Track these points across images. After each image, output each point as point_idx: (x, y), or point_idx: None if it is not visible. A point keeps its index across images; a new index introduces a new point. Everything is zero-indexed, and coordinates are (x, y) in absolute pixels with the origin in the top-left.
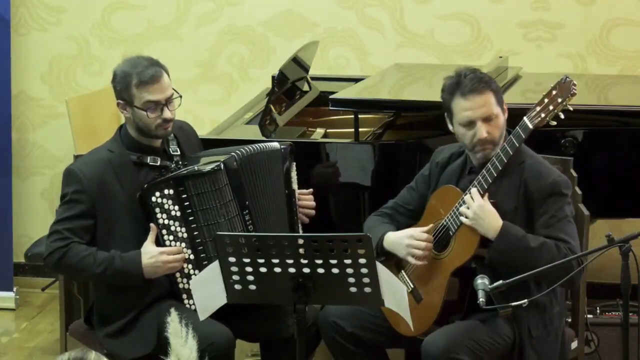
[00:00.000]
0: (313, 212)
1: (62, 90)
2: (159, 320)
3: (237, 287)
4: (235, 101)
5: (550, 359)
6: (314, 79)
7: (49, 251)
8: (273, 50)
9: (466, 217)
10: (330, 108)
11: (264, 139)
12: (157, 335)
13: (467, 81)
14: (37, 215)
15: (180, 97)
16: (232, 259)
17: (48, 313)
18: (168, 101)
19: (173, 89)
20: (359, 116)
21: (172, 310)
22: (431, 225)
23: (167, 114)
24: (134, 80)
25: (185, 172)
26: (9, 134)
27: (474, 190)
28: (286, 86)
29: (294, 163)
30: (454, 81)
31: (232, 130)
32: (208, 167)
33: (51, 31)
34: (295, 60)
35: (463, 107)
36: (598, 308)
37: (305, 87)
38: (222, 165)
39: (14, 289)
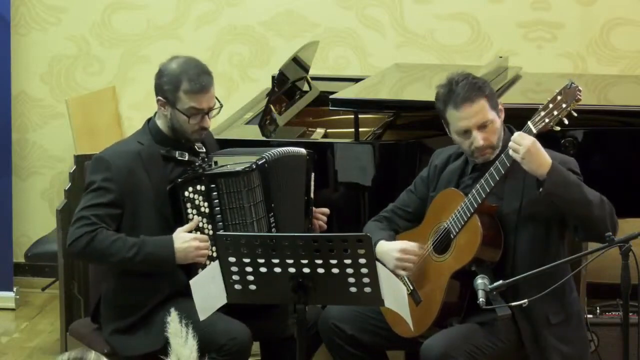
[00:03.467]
0: (325, 226)
1: (62, 90)
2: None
3: (237, 287)
4: (235, 101)
5: (577, 343)
6: (314, 79)
7: (76, 236)
8: (273, 50)
9: (516, 153)
10: (330, 108)
11: (264, 138)
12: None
13: (459, 90)
14: (37, 215)
15: (221, 106)
16: (232, 259)
17: (48, 313)
18: (210, 110)
19: (215, 97)
20: (359, 116)
21: (172, 310)
22: (427, 245)
23: (206, 122)
24: (184, 85)
25: (218, 169)
26: (9, 134)
27: (521, 133)
28: (286, 86)
29: (313, 173)
30: (446, 90)
31: (232, 130)
32: (241, 167)
33: (51, 31)
34: (295, 60)
35: (457, 117)
36: (598, 308)
37: (305, 87)
38: (254, 166)
39: (14, 289)
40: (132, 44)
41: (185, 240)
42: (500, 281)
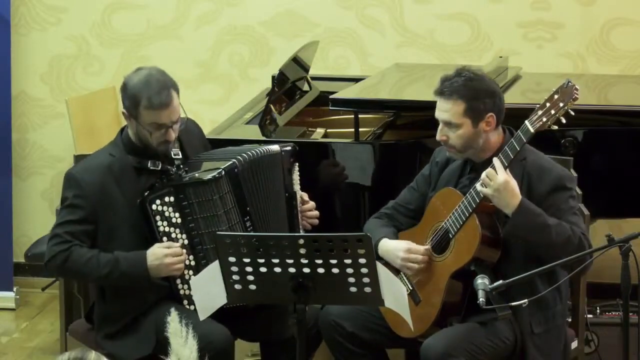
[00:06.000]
0: (316, 221)
1: (62, 90)
2: (158, 322)
3: (237, 287)
4: (235, 101)
5: (552, 354)
6: (314, 79)
7: (51, 255)
8: (273, 50)
9: (486, 187)
10: (330, 108)
11: (264, 138)
12: (156, 336)
13: (446, 82)
14: (37, 215)
15: (186, 118)
16: (232, 259)
17: (48, 313)
18: (173, 123)
19: (181, 105)
20: (359, 116)
21: (172, 310)
22: (428, 246)
23: (170, 135)
24: (143, 102)
25: (186, 179)
26: (9, 134)
27: (497, 163)
28: (286, 86)
29: (297, 164)
30: (441, 78)
31: (232, 130)
32: (209, 175)
33: (51, 31)
34: (295, 60)
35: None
36: (598, 308)
37: (305, 87)
38: (223, 173)
39: (14, 289)
40: (132, 44)
41: (157, 257)
42: (500, 281)
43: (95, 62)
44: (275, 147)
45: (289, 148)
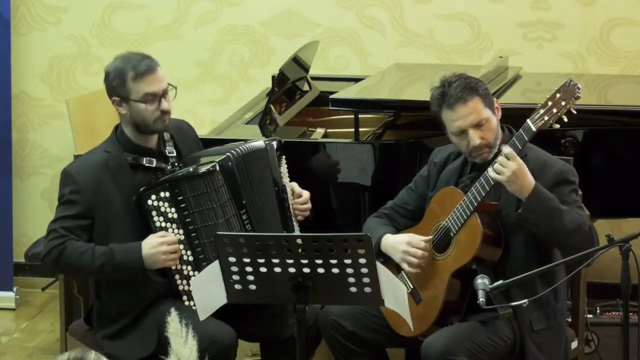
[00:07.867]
0: (307, 213)
1: (62, 90)
2: (159, 322)
3: (237, 287)
4: (235, 101)
5: (553, 353)
6: (314, 79)
7: (47, 250)
8: (273, 50)
9: (499, 174)
10: (330, 108)
11: (264, 138)
12: (158, 336)
13: (452, 90)
14: (37, 215)
15: (175, 88)
16: (232, 259)
17: (48, 313)
18: (164, 93)
19: (169, 83)
20: (359, 116)
21: (172, 310)
22: (430, 237)
23: (164, 105)
24: (130, 73)
25: (180, 174)
26: (9, 134)
27: (509, 150)
28: (286, 86)
29: (284, 156)
30: (439, 92)
31: (232, 130)
32: (203, 169)
33: (51, 31)
34: (295, 60)
35: (452, 118)
36: (598, 308)
37: (305, 87)
38: (217, 166)
39: (14, 289)
40: (132, 44)
41: (153, 245)
42: (501, 281)
43: (95, 62)
44: (259, 143)
45: (274, 142)
